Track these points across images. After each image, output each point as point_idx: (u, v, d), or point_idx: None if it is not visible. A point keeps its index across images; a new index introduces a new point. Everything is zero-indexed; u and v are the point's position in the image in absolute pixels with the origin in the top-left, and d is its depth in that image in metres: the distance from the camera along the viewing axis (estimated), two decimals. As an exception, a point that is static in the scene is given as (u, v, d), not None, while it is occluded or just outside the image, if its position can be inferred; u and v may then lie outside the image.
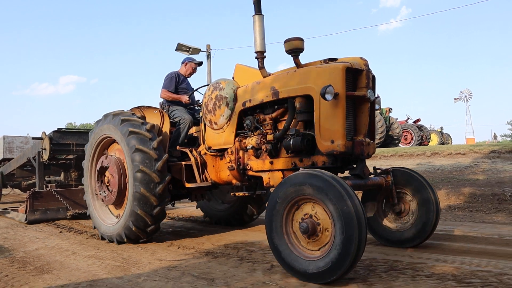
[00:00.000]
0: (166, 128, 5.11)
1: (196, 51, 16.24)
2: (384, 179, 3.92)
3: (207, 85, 4.91)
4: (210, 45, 18.02)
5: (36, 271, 3.79)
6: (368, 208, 4.12)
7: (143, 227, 4.62)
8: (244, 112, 4.33)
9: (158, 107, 5.54)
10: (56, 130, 7.75)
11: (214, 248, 4.45)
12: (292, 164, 3.82)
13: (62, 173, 8.72)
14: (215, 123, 4.56)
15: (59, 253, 4.57)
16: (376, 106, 3.92)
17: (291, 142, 3.74)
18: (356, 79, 3.63)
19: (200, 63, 5.93)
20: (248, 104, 4.22)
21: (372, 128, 3.90)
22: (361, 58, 3.67)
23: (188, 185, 4.79)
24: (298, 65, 3.82)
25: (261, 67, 4.13)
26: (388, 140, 19.95)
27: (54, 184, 7.85)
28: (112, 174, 4.96)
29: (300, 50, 3.72)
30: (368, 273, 3.21)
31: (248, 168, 4.28)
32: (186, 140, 5.36)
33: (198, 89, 5.62)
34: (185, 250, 4.45)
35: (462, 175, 8.68)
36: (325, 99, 3.35)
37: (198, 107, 5.45)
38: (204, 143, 4.84)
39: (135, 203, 4.51)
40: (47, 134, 7.72)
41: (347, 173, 3.81)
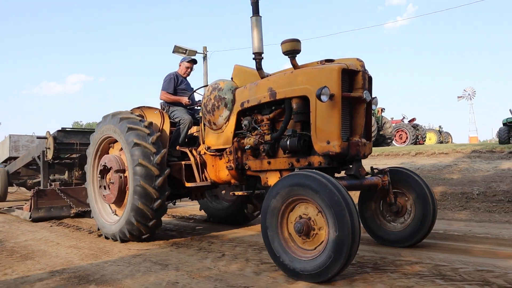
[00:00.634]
0: (166, 128, 5.16)
1: (192, 53, 16.64)
2: (381, 179, 3.93)
3: (207, 85, 4.96)
4: (206, 46, 18.25)
5: (21, 258, 4.31)
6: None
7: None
8: (242, 113, 4.37)
9: (159, 107, 5.60)
10: (60, 129, 7.86)
11: (181, 240, 4.90)
12: (289, 164, 3.85)
13: (66, 171, 8.83)
14: (214, 124, 4.61)
15: (45, 243, 5.09)
16: (373, 107, 3.95)
17: (288, 143, 3.78)
18: (352, 80, 3.66)
19: (193, 61, 5.96)
20: (246, 105, 4.26)
21: (368, 129, 3.93)
22: (357, 59, 3.69)
23: (188, 184, 4.84)
24: (295, 66, 3.84)
25: (258, 68, 4.16)
26: (381, 140, 20.01)
27: (58, 183, 7.95)
28: (113, 173, 5.03)
29: (297, 51, 3.75)
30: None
31: (247, 168, 4.32)
32: (186, 140, 5.42)
33: (197, 89, 5.67)
34: (155, 241, 4.90)
35: (440, 174, 8.79)
36: (320, 100, 3.37)
37: (198, 107, 5.51)
38: (203, 143, 4.90)
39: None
40: (51, 133, 7.83)
41: (343, 173, 3.84)
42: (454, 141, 26.62)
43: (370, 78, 3.81)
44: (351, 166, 3.73)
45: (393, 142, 21.32)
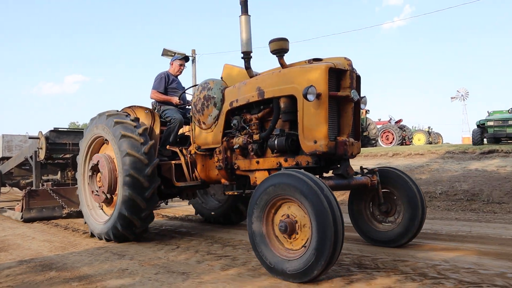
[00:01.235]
0: (157, 127, 5.15)
1: (181, 56, 16.68)
2: (370, 178, 3.92)
3: (196, 85, 4.95)
4: (195, 49, 18.36)
5: (-4, 250, 4.73)
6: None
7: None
8: (231, 112, 4.36)
9: (150, 106, 5.59)
10: (52, 129, 7.82)
11: (146, 235, 5.17)
12: (277, 164, 3.84)
13: (59, 172, 8.79)
14: (204, 123, 4.60)
15: (21, 238, 5.54)
16: (362, 106, 3.95)
17: (275, 142, 3.77)
18: (340, 79, 3.65)
19: (185, 58, 5.94)
20: (235, 104, 4.25)
21: (357, 128, 3.93)
22: (345, 58, 3.68)
23: (177, 184, 4.83)
24: (283, 65, 3.84)
25: (247, 67, 4.15)
26: (365, 141, 20.24)
27: (50, 183, 7.91)
28: (103, 172, 5.01)
29: (285, 50, 3.75)
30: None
31: (236, 168, 4.31)
32: (178, 139, 5.41)
33: (188, 89, 5.66)
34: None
35: (410, 175, 8.95)
36: (307, 99, 3.37)
37: (190, 107, 5.49)
38: (194, 142, 4.88)
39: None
40: (43, 133, 7.79)
41: (331, 173, 3.84)
42: (447, 141, 26.75)
43: (358, 77, 3.81)
44: (339, 166, 3.73)
45: (380, 143, 21.54)
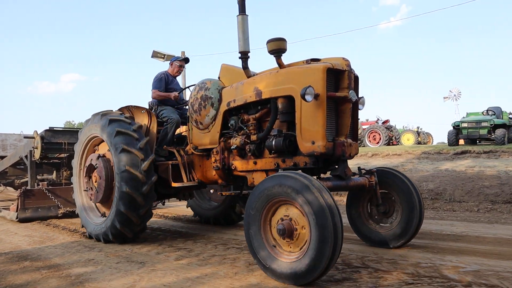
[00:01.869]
0: (154, 127, 5.12)
1: (170, 57, 16.71)
2: (368, 179, 3.91)
3: (194, 85, 4.92)
4: (184, 51, 18.31)
5: (-21, 244, 5.07)
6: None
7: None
8: (229, 112, 4.34)
9: (147, 106, 5.55)
10: (47, 129, 7.76)
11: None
12: (275, 164, 3.82)
13: (55, 171, 8.73)
14: (201, 123, 4.57)
15: (5, 233, 5.85)
16: (360, 107, 3.93)
17: (273, 143, 3.75)
18: (338, 79, 3.63)
19: (186, 60, 5.94)
20: (232, 104, 4.22)
21: (355, 129, 3.91)
22: (343, 58, 3.67)
23: (174, 184, 4.80)
24: (281, 65, 3.82)
25: (245, 67, 4.13)
26: None
27: (45, 183, 7.86)
28: (99, 172, 4.97)
29: (283, 50, 3.73)
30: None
31: (233, 168, 4.29)
32: (175, 139, 5.38)
33: (186, 88, 5.63)
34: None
35: None
36: (305, 100, 3.35)
37: (187, 107, 5.46)
38: (191, 142, 4.85)
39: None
40: (38, 133, 7.73)
41: (329, 174, 3.82)
42: (440, 141, 26.90)
43: (356, 78, 3.79)
44: (336, 167, 3.71)
45: (367, 143, 21.66)
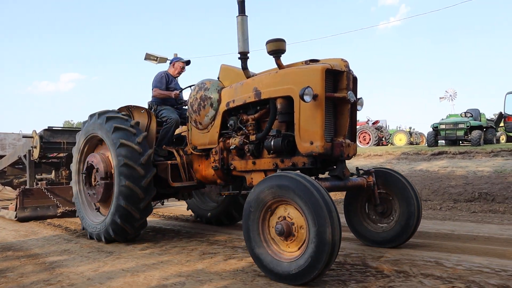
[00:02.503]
0: (153, 127, 5.13)
1: (163, 60, 17.18)
2: (366, 180, 3.94)
3: (194, 85, 4.94)
4: (177, 53, 18.43)
5: (-33, 238, 5.59)
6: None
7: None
8: (228, 113, 4.36)
9: (146, 106, 5.56)
10: (46, 128, 7.77)
11: None
12: (274, 164, 3.84)
13: (53, 171, 8.74)
14: (200, 123, 4.59)
15: None
16: (359, 108, 3.95)
17: (272, 143, 3.77)
18: (336, 80, 3.65)
19: (188, 62, 5.96)
20: (231, 105, 4.24)
21: (353, 130, 3.93)
22: (342, 59, 3.68)
23: (173, 184, 4.82)
24: (280, 66, 3.83)
25: (244, 68, 4.14)
26: None
27: (44, 182, 7.86)
28: (98, 172, 4.98)
29: (282, 51, 3.74)
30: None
31: (232, 168, 4.30)
32: (174, 139, 5.39)
33: (186, 88, 5.64)
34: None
35: None
36: (303, 100, 3.37)
37: (186, 107, 5.47)
38: (190, 142, 4.87)
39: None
40: (37, 132, 7.74)
41: (327, 174, 3.84)
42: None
43: (355, 79, 3.82)
44: (335, 167, 3.73)
45: (357, 144, 21.72)
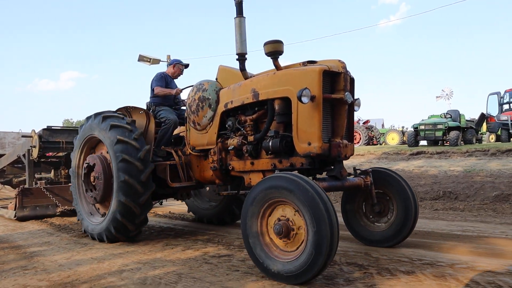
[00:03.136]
0: (152, 128, 5.15)
1: (156, 61, 17.33)
2: (363, 179, 3.96)
3: (192, 85, 4.95)
4: (170, 55, 18.49)
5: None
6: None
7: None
8: (226, 113, 4.38)
9: (145, 107, 5.59)
10: (45, 128, 7.78)
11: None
12: (272, 165, 3.87)
13: (53, 170, 8.75)
14: (198, 124, 4.61)
15: None
16: (356, 109, 3.98)
17: (270, 144, 3.80)
18: (334, 81, 3.67)
19: (187, 65, 5.99)
20: (229, 106, 4.26)
21: (350, 130, 3.97)
22: (339, 60, 3.71)
23: (172, 184, 4.85)
24: (278, 67, 3.86)
25: (242, 69, 4.16)
26: None
27: (44, 181, 7.88)
28: (97, 172, 5.00)
29: (280, 52, 3.76)
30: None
31: (230, 169, 4.33)
32: (172, 140, 5.42)
33: (186, 88, 5.67)
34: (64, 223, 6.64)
35: None
36: (301, 101, 3.39)
37: (185, 107, 5.49)
38: (188, 143, 4.90)
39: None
40: (36, 132, 7.75)
41: (325, 174, 3.87)
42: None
43: (352, 80, 3.84)
44: (332, 167, 3.76)
45: None
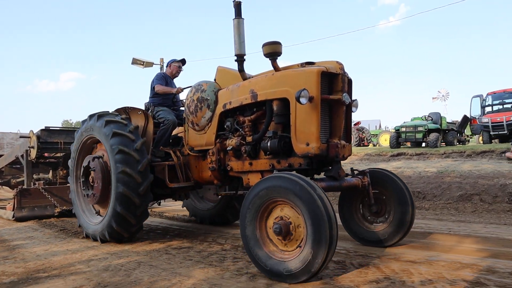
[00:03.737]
0: (150, 128, 5.16)
1: (149, 64, 17.50)
2: (361, 180, 3.99)
3: (191, 86, 4.97)
4: (163, 58, 18.62)
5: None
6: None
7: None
8: (224, 114, 4.40)
9: (143, 108, 5.60)
10: (43, 128, 7.78)
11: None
12: (270, 165, 3.89)
13: (51, 171, 8.75)
14: (197, 125, 4.63)
15: None
16: (353, 110, 4.01)
17: (268, 144, 3.82)
18: (332, 83, 3.70)
19: (183, 61, 5.99)
20: (228, 106, 4.29)
21: (348, 131, 3.99)
22: (337, 62, 3.74)
23: (171, 185, 4.86)
24: (276, 68, 3.88)
25: (240, 70, 4.19)
26: None
27: (42, 182, 7.89)
28: (96, 173, 5.01)
29: (278, 53, 3.79)
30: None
31: (229, 169, 4.35)
32: (170, 140, 5.43)
33: (186, 88, 5.68)
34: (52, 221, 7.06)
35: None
36: (300, 102, 3.42)
37: (183, 108, 5.51)
38: (187, 144, 4.91)
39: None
40: (34, 132, 7.75)
41: (323, 175, 3.89)
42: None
43: (350, 81, 3.87)
44: (330, 168, 3.79)
45: None
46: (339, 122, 3.72)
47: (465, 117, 17.58)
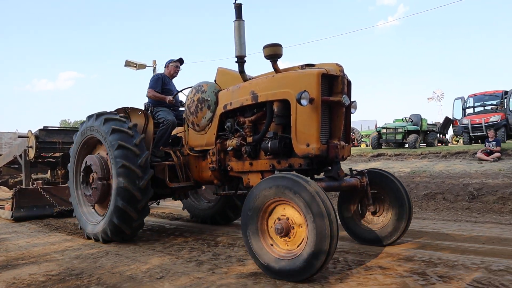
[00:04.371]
0: (150, 128, 5.19)
1: (142, 66, 17.77)
2: (359, 180, 4.05)
3: (191, 87, 5.00)
4: (156, 60, 18.77)
5: None
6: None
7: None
8: (225, 115, 4.44)
9: (143, 108, 5.62)
10: (42, 128, 7.78)
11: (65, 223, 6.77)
12: (270, 165, 3.94)
13: (49, 171, 8.75)
14: (197, 125, 4.67)
15: None
16: (352, 111, 4.06)
17: (269, 145, 3.87)
18: (331, 84, 3.75)
19: (180, 60, 6.01)
20: (228, 107, 4.33)
21: (347, 132, 4.04)
22: (336, 64, 3.79)
23: (171, 184, 4.89)
24: (277, 70, 3.93)
25: (241, 71, 4.23)
26: None
27: (40, 182, 7.89)
28: (96, 173, 5.04)
29: (278, 55, 3.83)
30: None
31: (229, 169, 4.39)
32: (170, 140, 5.46)
33: (183, 90, 5.71)
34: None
35: None
36: (300, 104, 3.47)
37: (183, 108, 5.54)
38: (187, 144, 4.95)
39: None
40: (33, 132, 7.76)
41: (322, 175, 3.95)
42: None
43: (349, 83, 3.92)
44: (330, 168, 3.84)
45: None
46: (338, 123, 3.78)
47: (447, 118, 17.90)
